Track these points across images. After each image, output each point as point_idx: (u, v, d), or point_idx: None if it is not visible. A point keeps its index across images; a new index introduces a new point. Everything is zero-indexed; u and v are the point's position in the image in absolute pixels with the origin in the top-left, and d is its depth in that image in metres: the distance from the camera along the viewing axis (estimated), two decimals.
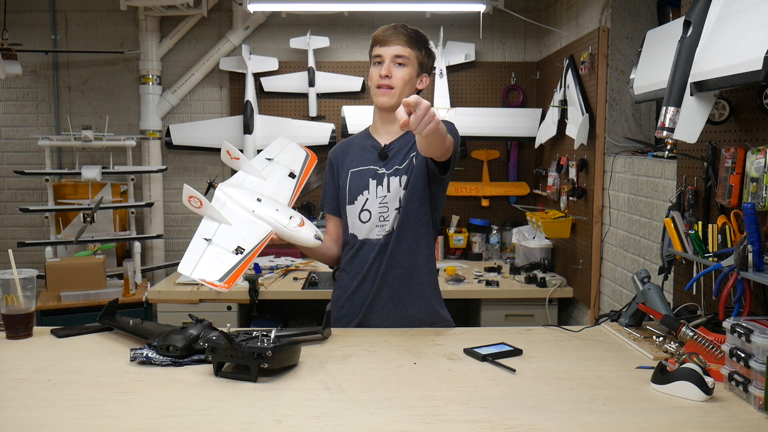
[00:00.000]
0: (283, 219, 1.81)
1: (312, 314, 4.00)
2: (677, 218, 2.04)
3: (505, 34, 4.32)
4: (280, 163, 2.00)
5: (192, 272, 1.66)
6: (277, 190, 1.91)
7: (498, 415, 1.33)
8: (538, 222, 3.49)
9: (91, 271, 3.52)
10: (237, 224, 1.79)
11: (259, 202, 1.83)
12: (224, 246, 1.73)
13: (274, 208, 1.82)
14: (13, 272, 1.80)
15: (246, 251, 1.73)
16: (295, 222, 1.81)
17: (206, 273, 1.67)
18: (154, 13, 4.05)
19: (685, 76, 1.73)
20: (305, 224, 1.82)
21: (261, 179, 1.93)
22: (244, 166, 1.95)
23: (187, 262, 1.70)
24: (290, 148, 2.05)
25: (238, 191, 1.86)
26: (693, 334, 1.60)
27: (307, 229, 1.81)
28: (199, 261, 1.69)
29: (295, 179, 1.97)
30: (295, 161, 2.02)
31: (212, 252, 1.72)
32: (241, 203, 1.83)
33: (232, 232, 1.77)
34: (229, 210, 1.82)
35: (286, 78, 4.23)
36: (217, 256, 1.71)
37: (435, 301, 2.12)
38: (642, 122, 3.16)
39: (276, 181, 1.94)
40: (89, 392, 1.44)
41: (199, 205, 1.79)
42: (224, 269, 1.69)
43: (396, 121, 2.03)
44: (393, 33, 1.98)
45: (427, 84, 2.08)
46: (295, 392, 1.45)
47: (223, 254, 1.72)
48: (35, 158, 4.26)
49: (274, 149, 2.04)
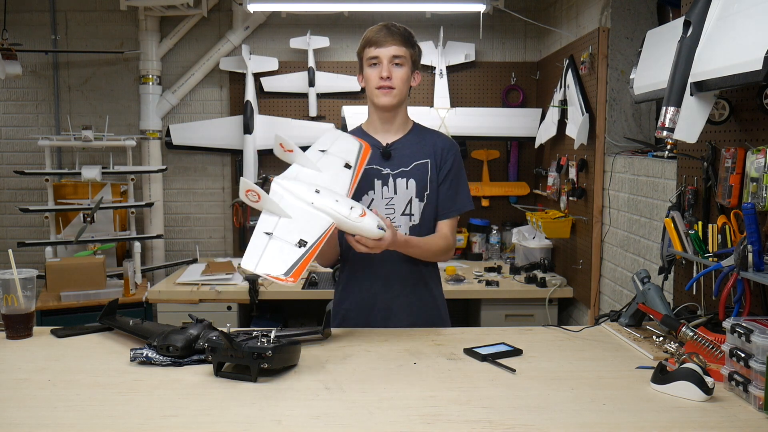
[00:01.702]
0: (344, 210, 1.73)
1: (312, 314, 3.99)
2: (677, 218, 2.04)
3: (505, 34, 4.32)
4: (334, 155, 1.92)
5: (256, 267, 1.64)
6: (333, 182, 1.83)
7: (498, 415, 1.33)
8: (538, 222, 3.49)
9: (91, 271, 3.52)
10: (297, 217, 1.74)
11: (317, 193, 1.77)
12: (286, 239, 1.69)
13: (333, 199, 1.75)
14: (13, 272, 1.80)
15: (309, 244, 1.68)
16: (357, 212, 1.73)
17: (271, 267, 1.64)
18: (154, 13, 4.05)
19: (685, 76, 1.73)
20: (367, 215, 1.73)
21: (316, 171, 1.86)
22: (299, 158, 1.89)
23: (250, 256, 1.67)
24: (343, 139, 1.98)
25: (296, 183, 1.81)
26: (693, 334, 1.60)
27: (369, 219, 1.73)
28: (263, 255, 1.66)
29: (351, 170, 1.88)
30: (349, 152, 1.93)
31: (275, 246, 1.68)
32: (300, 195, 1.77)
33: (293, 225, 1.72)
34: (287, 203, 1.76)
35: (286, 78, 4.23)
36: (280, 249, 1.68)
37: (439, 304, 2.12)
38: (642, 122, 3.16)
39: (332, 173, 1.87)
40: (89, 392, 1.44)
41: (257, 199, 1.74)
42: (289, 263, 1.65)
43: (395, 119, 2.05)
44: (388, 33, 1.98)
45: (419, 80, 2.09)
46: (295, 392, 1.45)
47: (286, 247, 1.68)
48: (35, 158, 4.26)
49: (326, 141, 1.97)
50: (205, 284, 3.55)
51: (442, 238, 2.04)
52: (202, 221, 4.41)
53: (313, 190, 1.77)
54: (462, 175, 2.09)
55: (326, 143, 1.96)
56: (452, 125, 4.03)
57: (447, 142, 2.10)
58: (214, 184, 4.39)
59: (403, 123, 2.09)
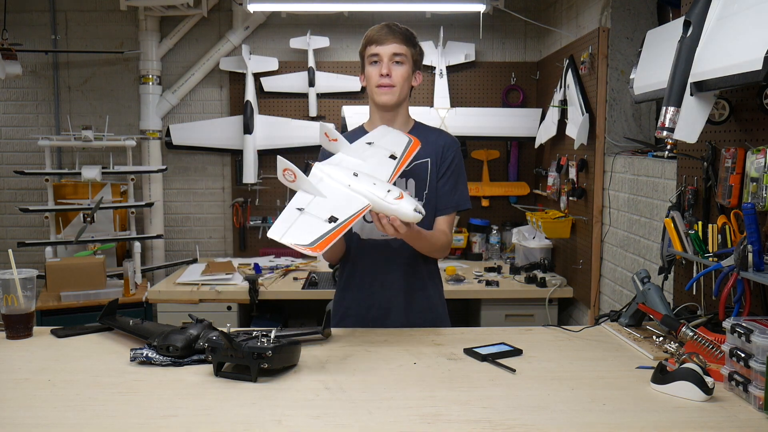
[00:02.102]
0: (380, 192, 1.71)
1: (312, 314, 3.99)
2: (677, 218, 2.04)
3: (505, 34, 4.32)
4: (380, 147, 1.92)
5: (282, 237, 1.63)
6: (375, 170, 1.82)
7: (498, 415, 1.33)
8: (538, 222, 3.49)
9: (91, 271, 3.52)
10: (332, 196, 1.73)
11: (355, 176, 1.76)
12: (317, 215, 1.68)
13: (371, 182, 1.74)
14: (13, 272, 1.80)
15: (340, 220, 1.67)
16: (393, 195, 1.70)
17: (297, 237, 1.63)
18: (154, 13, 4.05)
19: (685, 76, 1.73)
20: (404, 197, 1.70)
21: (360, 160, 1.86)
22: (343, 147, 1.89)
23: (278, 228, 1.67)
24: (393, 134, 1.98)
25: (335, 168, 1.80)
26: (693, 334, 1.60)
27: (405, 202, 1.70)
28: (291, 227, 1.66)
29: (396, 161, 1.87)
30: (396, 144, 1.93)
31: (305, 219, 1.68)
32: (338, 178, 1.77)
33: (327, 203, 1.71)
34: (325, 185, 1.76)
35: (286, 78, 4.23)
36: (309, 223, 1.67)
37: (439, 303, 2.12)
38: (642, 122, 3.16)
39: (375, 162, 1.86)
40: (89, 392, 1.44)
41: (293, 178, 1.74)
42: (316, 234, 1.63)
43: (396, 118, 2.05)
44: (389, 32, 1.99)
45: (421, 81, 2.09)
46: (295, 392, 1.45)
47: (315, 222, 1.67)
48: (35, 158, 4.26)
49: (376, 134, 1.97)
50: (205, 284, 3.55)
51: (442, 234, 2.04)
52: (202, 221, 4.41)
53: (352, 173, 1.76)
54: (462, 173, 2.09)
55: (375, 136, 1.96)
56: (452, 125, 4.03)
57: (448, 139, 2.10)
58: (214, 184, 4.39)
59: (405, 122, 2.09)
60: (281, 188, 4.32)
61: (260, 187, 4.29)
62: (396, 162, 1.86)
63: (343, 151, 1.89)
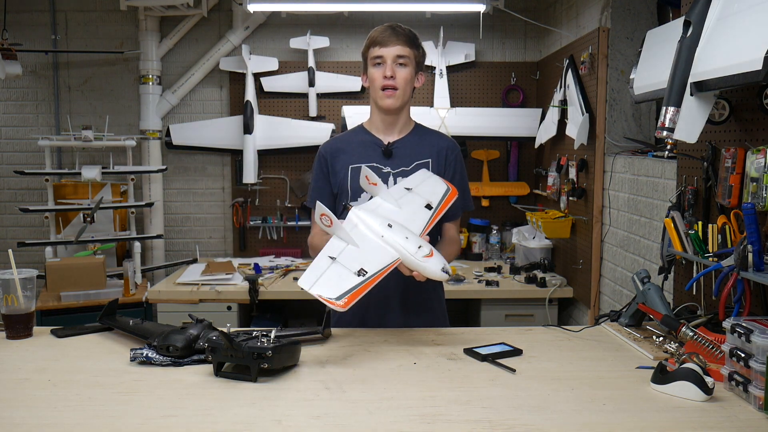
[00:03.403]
0: (411, 247, 1.74)
1: (312, 314, 3.99)
2: (677, 218, 2.04)
3: (505, 34, 4.32)
4: (418, 194, 1.93)
5: (311, 287, 1.66)
6: (410, 219, 1.85)
7: (498, 415, 1.33)
8: (538, 222, 3.49)
9: (91, 271, 3.52)
10: (364, 247, 1.76)
11: (389, 227, 1.78)
12: (347, 266, 1.71)
13: (403, 236, 1.76)
14: (13, 272, 1.81)
15: (368, 274, 1.70)
16: (423, 252, 1.73)
17: (325, 290, 1.66)
18: (154, 13, 4.05)
19: (685, 76, 1.73)
20: (434, 255, 1.73)
21: (396, 207, 1.87)
22: (382, 193, 1.91)
23: (308, 277, 1.70)
24: (432, 182, 1.98)
25: (371, 216, 1.82)
26: (693, 334, 1.60)
27: (435, 260, 1.73)
28: (320, 277, 1.69)
29: (431, 211, 1.89)
30: (434, 194, 1.94)
31: (335, 270, 1.71)
32: (372, 227, 1.79)
33: (358, 254, 1.75)
34: (359, 232, 1.79)
35: (286, 78, 4.23)
36: (339, 275, 1.69)
37: (437, 304, 2.12)
38: (642, 122, 3.16)
39: (411, 211, 1.88)
40: (89, 392, 1.44)
41: (329, 224, 1.78)
42: (343, 288, 1.66)
43: (398, 120, 2.05)
44: (392, 34, 1.99)
45: (423, 81, 2.10)
46: (295, 392, 1.45)
47: (345, 274, 1.70)
48: (35, 158, 4.25)
49: (415, 180, 1.98)
50: (205, 284, 3.55)
51: (455, 243, 2.09)
52: (202, 221, 4.41)
53: (386, 224, 1.78)
54: (465, 176, 2.12)
55: (414, 182, 1.96)
56: (452, 125, 4.03)
57: (449, 142, 2.11)
58: (214, 184, 4.39)
59: (405, 123, 2.09)
60: (281, 188, 4.32)
61: (260, 187, 4.29)
62: (431, 213, 1.88)
63: (381, 196, 1.89)
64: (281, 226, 4.31)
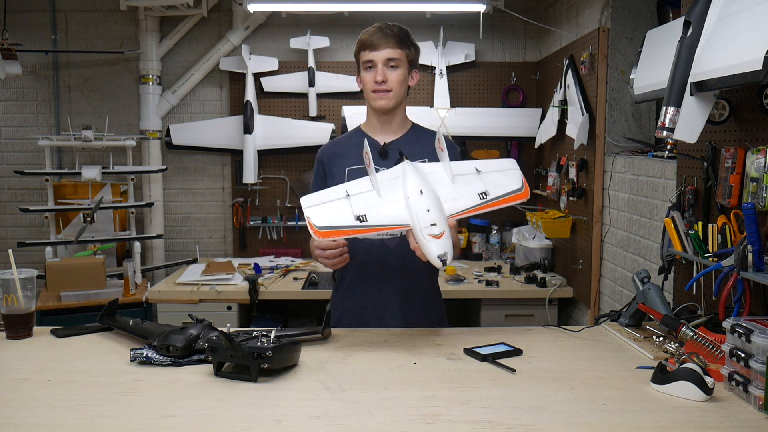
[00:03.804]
0: (425, 221, 1.64)
1: (312, 314, 4.00)
2: (677, 218, 2.04)
3: (505, 34, 4.32)
4: (482, 179, 1.81)
5: (307, 207, 1.69)
6: (452, 197, 1.74)
7: (498, 415, 1.33)
8: (538, 222, 3.49)
9: (91, 271, 3.52)
10: (385, 198, 1.71)
11: (420, 194, 1.69)
12: (353, 207, 1.68)
13: (425, 208, 1.66)
14: (13, 272, 1.81)
15: (366, 223, 1.65)
16: (433, 231, 1.62)
17: (316, 215, 1.66)
18: (154, 13, 4.05)
19: (685, 76, 1.73)
20: (441, 239, 1.62)
21: (449, 180, 1.78)
22: (444, 162, 1.82)
23: (313, 198, 1.72)
24: (508, 175, 1.85)
25: (413, 176, 1.74)
26: (693, 334, 1.60)
27: (438, 244, 1.62)
28: (322, 204, 1.69)
29: (481, 200, 1.76)
30: (499, 186, 1.80)
31: (340, 205, 1.69)
32: (406, 186, 1.72)
33: (374, 202, 1.70)
34: (391, 184, 1.74)
35: (286, 78, 4.23)
36: (339, 210, 1.68)
37: (437, 305, 2.12)
38: (642, 122, 3.16)
39: (461, 191, 1.77)
40: (89, 392, 1.44)
41: (368, 162, 1.77)
42: (332, 222, 1.64)
43: (393, 120, 2.05)
44: (382, 36, 1.97)
45: (418, 80, 2.08)
46: (295, 392, 1.45)
47: (345, 212, 1.67)
48: (35, 158, 4.26)
49: (493, 165, 1.86)
50: (205, 284, 3.55)
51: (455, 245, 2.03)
52: (202, 221, 4.41)
53: (419, 189, 1.71)
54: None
55: (490, 166, 1.86)
56: (452, 125, 4.03)
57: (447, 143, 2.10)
58: (214, 184, 4.39)
59: (402, 123, 2.09)
60: (281, 188, 4.32)
61: (260, 187, 4.29)
62: (480, 202, 1.76)
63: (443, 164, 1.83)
64: (281, 226, 4.31)
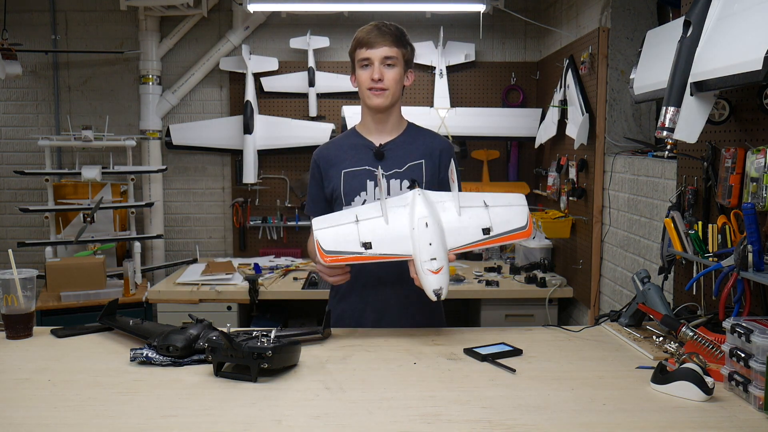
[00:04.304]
0: (425, 255, 1.70)
1: (312, 314, 4.00)
2: (677, 218, 2.04)
3: (505, 34, 4.32)
4: (489, 214, 1.84)
5: (317, 230, 1.78)
6: (456, 230, 1.79)
7: (498, 415, 1.33)
8: (539, 222, 3.49)
9: (91, 271, 3.52)
10: (392, 226, 1.77)
11: (425, 226, 1.74)
12: (362, 233, 1.76)
13: (428, 241, 1.72)
14: (13, 272, 1.80)
15: (371, 252, 1.73)
16: (432, 266, 1.69)
17: (324, 239, 1.75)
18: (154, 13, 4.05)
19: (685, 76, 1.73)
20: (438, 274, 1.69)
21: (456, 213, 1.82)
22: (454, 191, 1.87)
23: (325, 220, 1.79)
24: (515, 211, 1.86)
25: (422, 206, 1.79)
26: (693, 334, 1.60)
27: (435, 279, 1.69)
28: (332, 227, 1.77)
29: (484, 236, 1.80)
30: (503, 223, 1.83)
31: (348, 230, 1.77)
32: (413, 216, 1.77)
33: (381, 230, 1.76)
34: (399, 212, 1.79)
35: (286, 78, 4.23)
36: (347, 235, 1.75)
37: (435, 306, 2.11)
38: (642, 122, 3.16)
39: (465, 225, 1.81)
40: (89, 392, 1.44)
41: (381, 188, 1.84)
42: (339, 248, 1.73)
43: (389, 120, 2.04)
44: (379, 34, 1.97)
45: (413, 79, 2.08)
46: (295, 392, 1.45)
47: (353, 238, 1.75)
48: (35, 158, 4.26)
49: (502, 200, 1.88)
50: (205, 284, 3.55)
51: None
52: (202, 221, 4.41)
53: (425, 221, 1.75)
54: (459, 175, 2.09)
55: (499, 201, 1.88)
56: (452, 125, 4.03)
57: (443, 143, 2.09)
58: (214, 184, 4.39)
59: (397, 123, 2.08)
60: (281, 188, 4.32)
61: (260, 187, 4.29)
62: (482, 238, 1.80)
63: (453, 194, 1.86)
64: (281, 226, 4.31)
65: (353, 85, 2.07)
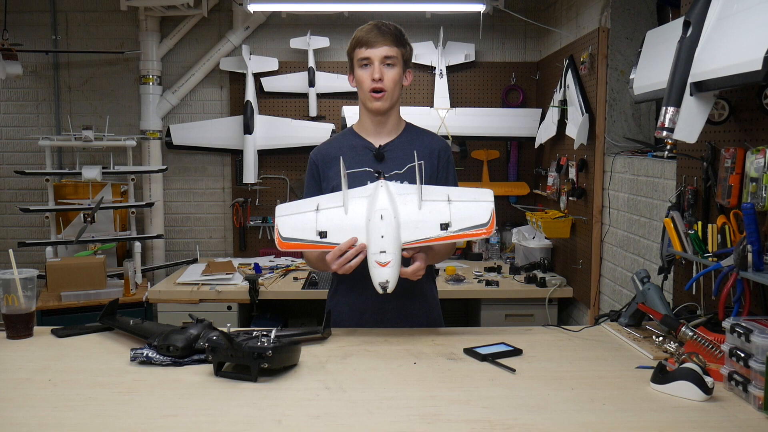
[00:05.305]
0: (375, 247, 1.71)
1: (312, 314, 4.00)
2: (677, 218, 2.04)
3: (505, 34, 4.32)
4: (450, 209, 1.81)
5: (279, 216, 1.86)
6: (413, 224, 1.77)
7: (498, 415, 1.33)
8: (538, 222, 3.49)
9: (91, 271, 3.52)
10: (349, 216, 1.80)
11: (380, 219, 1.74)
12: (319, 222, 1.81)
13: (380, 234, 1.72)
14: (14, 272, 1.81)
15: (325, 240, 1.78)
16: (380, 258, 1.69)
17: (284, 226, 1.84)
18: (155, 14, 4.05)
19: (685, 76, 1.73)
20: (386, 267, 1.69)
21: (417, 208, 1.80)
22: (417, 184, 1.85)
23: (288, 207, 1.87)
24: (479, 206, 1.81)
25: (383, 197, 1.79)
26: (693, 334, 1.60)
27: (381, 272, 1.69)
28: (292, 215, 1.85)
29: (441, 232, 1.78)
30: (466, 218, 1.79)
31: (307, 218, 1.83)
32: (372, 207, 1.78)
33: (339, 219, 1.81)
34: (359, 203, 1.82)
35: (286, 78, 4.23)
36: (305, 223, 1.82)
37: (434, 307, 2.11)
38: (642, 122, 3.16)
39: (423, 219, 1.79)
40: (89, 392, 1.45)
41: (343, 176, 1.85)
42: (296, 235, 1.81)
43: (388, 121, 2.04)
44: (379, 33, 1.96)
45: (411, 79, 2.07)
46: (295, 392, 1.45)
47: (310, 227, 1.81)
48: (36, 158, 4.26)
49: (467, 194, 1.85)
50: (205, 284, 3.55)
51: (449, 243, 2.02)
52: (202, 221, 4.41)
53: (380, 214, 1.75)
54: (456, 177, 2.10)
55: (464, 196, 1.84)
56: (452, 125, 4.03)
57: (441, 143, 2.09)
58: (214, 184, 4.39)
59: (396, 124, 2.07)
60: (281, 188, 4.32)
61: (260, 187, 4.29)
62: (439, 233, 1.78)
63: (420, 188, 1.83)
64: None
65: (351, 84, 2.07)
